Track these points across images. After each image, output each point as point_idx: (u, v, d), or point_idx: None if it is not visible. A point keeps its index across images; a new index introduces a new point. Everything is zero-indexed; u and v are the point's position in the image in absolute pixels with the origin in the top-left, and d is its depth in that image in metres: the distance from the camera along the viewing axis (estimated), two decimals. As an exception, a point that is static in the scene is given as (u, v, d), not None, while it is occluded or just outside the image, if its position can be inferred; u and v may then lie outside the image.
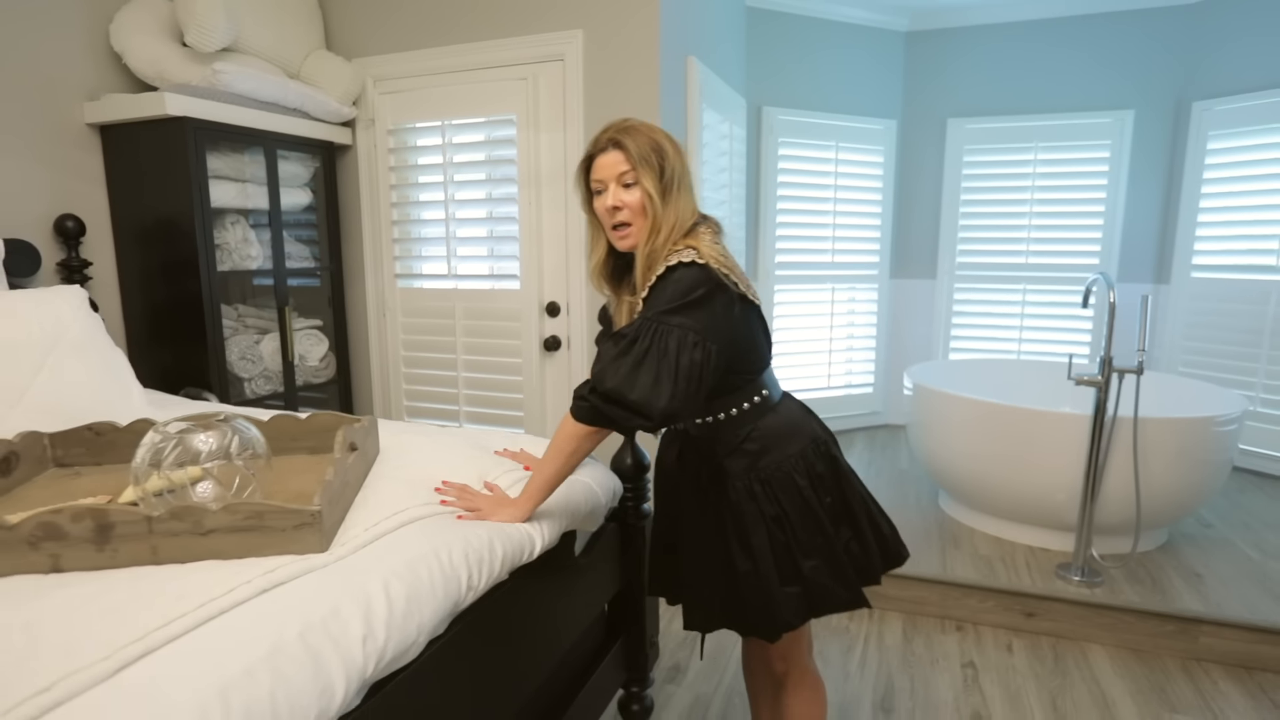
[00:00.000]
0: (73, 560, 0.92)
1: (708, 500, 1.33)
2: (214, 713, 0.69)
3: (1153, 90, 3.70)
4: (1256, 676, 2.12)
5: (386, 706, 0.90)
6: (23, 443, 1.22)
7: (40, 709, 0.66)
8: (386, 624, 0.90)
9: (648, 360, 1.13)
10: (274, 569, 0.91)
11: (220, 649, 0.77)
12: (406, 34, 2.80)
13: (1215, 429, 2.44)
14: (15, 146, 2.21)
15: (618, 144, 1.22)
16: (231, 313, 2.66)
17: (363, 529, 1.06)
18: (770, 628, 1.29)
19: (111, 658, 0.73)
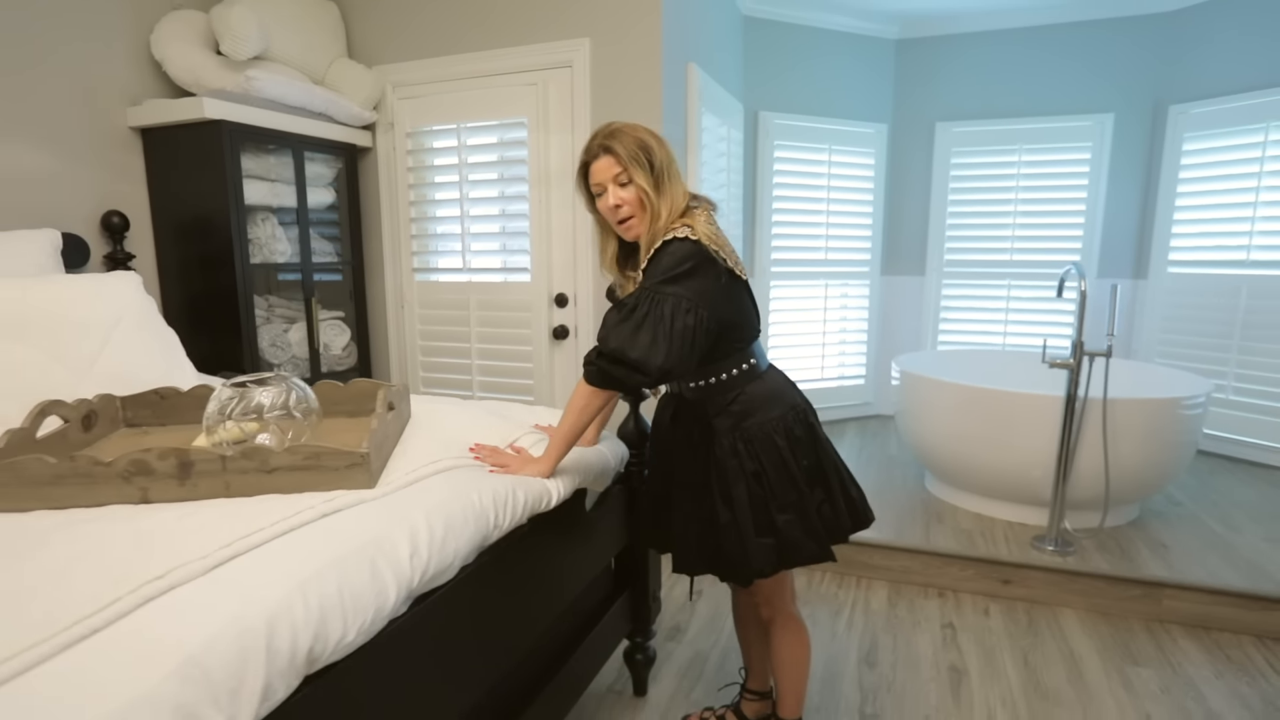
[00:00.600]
0: (159, 492, 1.06)
1: (696, 456, 1.46)
2: (295, 602, 0.83)
3: (1131, 94, 3.83)
4: (1213, 635, 2.25)
5: (427, 616, 1.04)
6: (100, 403, 1.36)
7: (157, 591, 0.80)
8: (428, 546, 1.04)
9: (646, 324, 1.26)
10: (332, 499, 1.05)
11: (294, 556, 0.91)
12: (423, 42, 2.95)
13: (1181, 410, 2.57)
14: (66, 149, 2.36)
15: (608, 149, 1.35)
16: (262, 303, 2.80)
17: (403, 474, 1.20)
18: (745, 572, 1.42)
19: (208, 558, 0.87)
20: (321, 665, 0.86)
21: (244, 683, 0.75)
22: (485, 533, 1.17)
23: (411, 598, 1.02)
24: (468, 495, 1.17)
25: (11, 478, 1.03)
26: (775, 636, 1.57)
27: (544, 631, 1.45)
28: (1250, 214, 3.43)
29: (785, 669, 1.57)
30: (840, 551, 2.64)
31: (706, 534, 1.45)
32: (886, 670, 2.09)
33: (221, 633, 0.76)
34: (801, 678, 1.59)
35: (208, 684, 0.72)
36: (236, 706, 0.74)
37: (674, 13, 2.71)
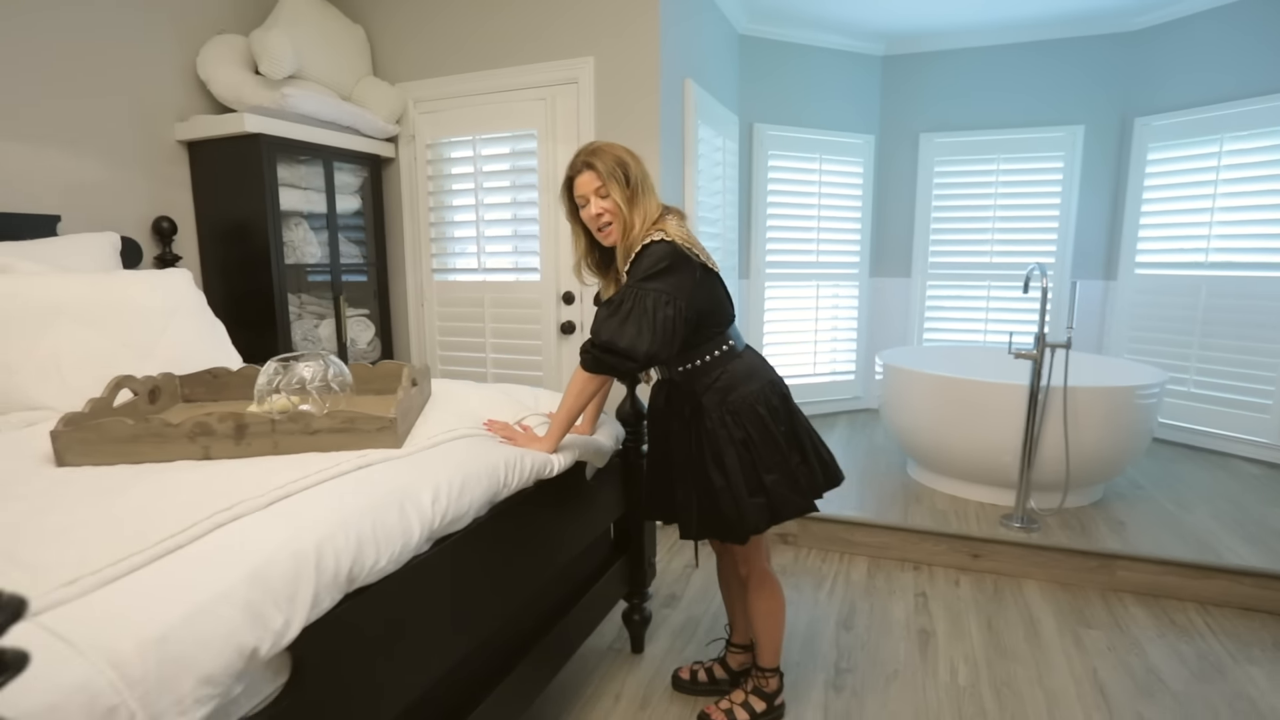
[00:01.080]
0: (219, 450, 1.20)
1: (689, 431, 1.59)
2: (337, 532, 0.97)
3: (1100, 107, 3.94)
4: (1161, 602, 2.36)
5: (445, 554, 1.17)
6: (162, 380, 1.50)
7: (226, 519, 0.94)
8: (448, 496, 1.17)
9: (632, 316, 1.40)
10: (365, 456, 1.19)
11: (335, 498, 1.04)
12: (442, 61, 3.09)
13: (1137, 399, 2.67)
14: (122, 161, 2.52)
15: (589, 165, 1.49)
16: (295, 301, 2.94)
17: (425, 439, 1.33)
18: (741, 530, 1.54)
19: (265, 496, 1.00)
20: (359, 585, 0.99)
21: (298, 592, 0.88)
22: (496, 489, 1.30)
23: (433, 539, 1.15)
24: (482, 457, 1.30)
25: (97, 436, 1.17)
26: (752, 592, 1.70)
27: (548, 583, 1.59)
28: (1208, 219, 3.53)
29: (761, 621, 1.70)
30: (825, 529, 2.79)
31: (705, 500, 1.56)
32: (862, 632, 2.20)
33: (279, 552, 0.89)
34: (776, 629, 1.71)
35: (269, 590, 0.85)
36: (293, 609, 0.87)
37: (672, 34, 2.84)
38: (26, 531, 0.89)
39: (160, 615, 0.76)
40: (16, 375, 1.48)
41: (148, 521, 0.91)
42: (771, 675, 1.74)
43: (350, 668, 0.98)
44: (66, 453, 1.18)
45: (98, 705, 0.68)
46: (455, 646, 1.22)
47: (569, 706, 1.84)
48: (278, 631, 0.85)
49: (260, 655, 0.83)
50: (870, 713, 1.81)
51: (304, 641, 0.90)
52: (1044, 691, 1.89)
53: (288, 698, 0.89)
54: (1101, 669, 1.99)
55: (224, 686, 0.79)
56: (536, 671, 1.50)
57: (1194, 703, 1.84)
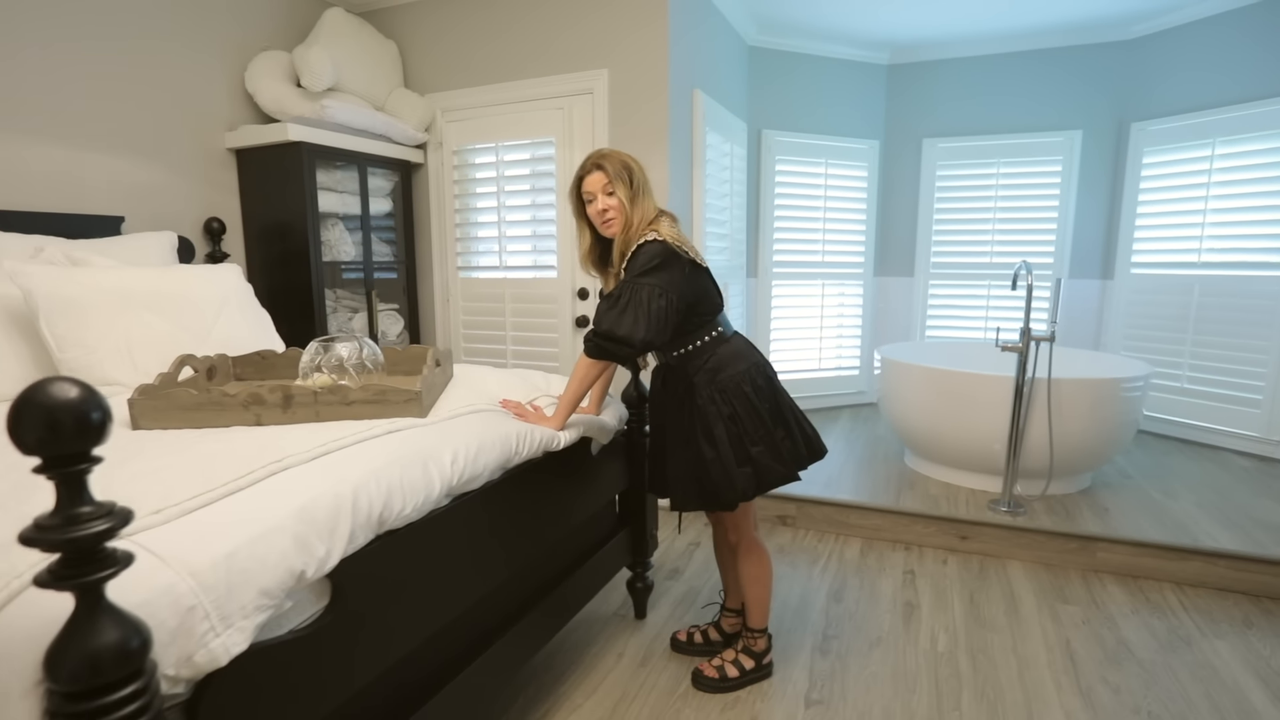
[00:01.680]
0: (268, 417, 1.35)
1: (683, 409, 1.71)
2: (370, 483, 1.11)
3: (1097, 113, 3.98)
4: (1139, 582, 2.43)
5: (463, 508, 1.31)
6: (218, 360, 1.66)
7: (277, 469, 1.08)
8: (465, 458, 1.31)
9: (629, 308, 1.54)
10: (394, 423, 1.33)
11: (368, 455, 1.18)
12: (468, 74, 3.25)
13: (1122, 390, 2.74)
14: (178, 167, 2.70)
15: (599, 166, 1.63)
16: (331, 295, 3.12)
17: (446, 411, 1.47)
18: (731, 497, 1.66)
19: (309, 452, 1.15)
20: (388, 529, 1.14)
21: (337, 527, 1.03)
22: (509, 456, 1.44)
23: (452, 495, 1.29)
24: (497, 428, 1.44)
25: (167, 404, 1.33)
26: (741, 558, 1.82)
27: (555, 545, 1.72)
28: (1201, 220, 3.56)
29: (750, 584, 1.82)
30: (821, 511, 2.89)
31: (698, 471, 1.67)
32: (850, 605, 2.31)
33: (322, 495, 1.04)
34: (764, 593, 1.83)
35: (314, 524, 1.00)
36: (333, 542, 1.01)
37: (680, 47, 2.96)
38: (116, 476, 1.04)
39: (229, 539, 0.91)
40: (94, 354, 1.65)
41: (214, 469, 1.06)
42: (760, 635, 1.86)
43: (380, 597, 1.13)
44: (140, 417, 1.34)
45: (180, 604, 0.83)
46: (470, 589, 1.36)
47: (576, 662, 1.97)
48: (321, 559, 0.99)
49: (307, 577, 0.97)
50: (852, 673, 1.92)
51: (342, 571, 1.04)
52: (1017, 658, 1.98)
53: (328, 616, 1.03)
54: (1074, 640, 2.08)
55: (277, 599, 0.93)
56: (545, 620, 1.64)
57: (1158, 670, 1.92)
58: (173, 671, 0.81)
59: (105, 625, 0.73)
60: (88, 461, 0.71)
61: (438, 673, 1.34)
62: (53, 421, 0.67)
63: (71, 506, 0.70)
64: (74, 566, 0.71)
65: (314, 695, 1.01)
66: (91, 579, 0.71)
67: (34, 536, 0.69)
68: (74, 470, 0.70)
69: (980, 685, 1.86)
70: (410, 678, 1.28)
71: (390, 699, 1.22)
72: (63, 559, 0.71)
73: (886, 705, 1.78)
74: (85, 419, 0.69)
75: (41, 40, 2.26)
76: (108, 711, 0.72)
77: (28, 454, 0.68)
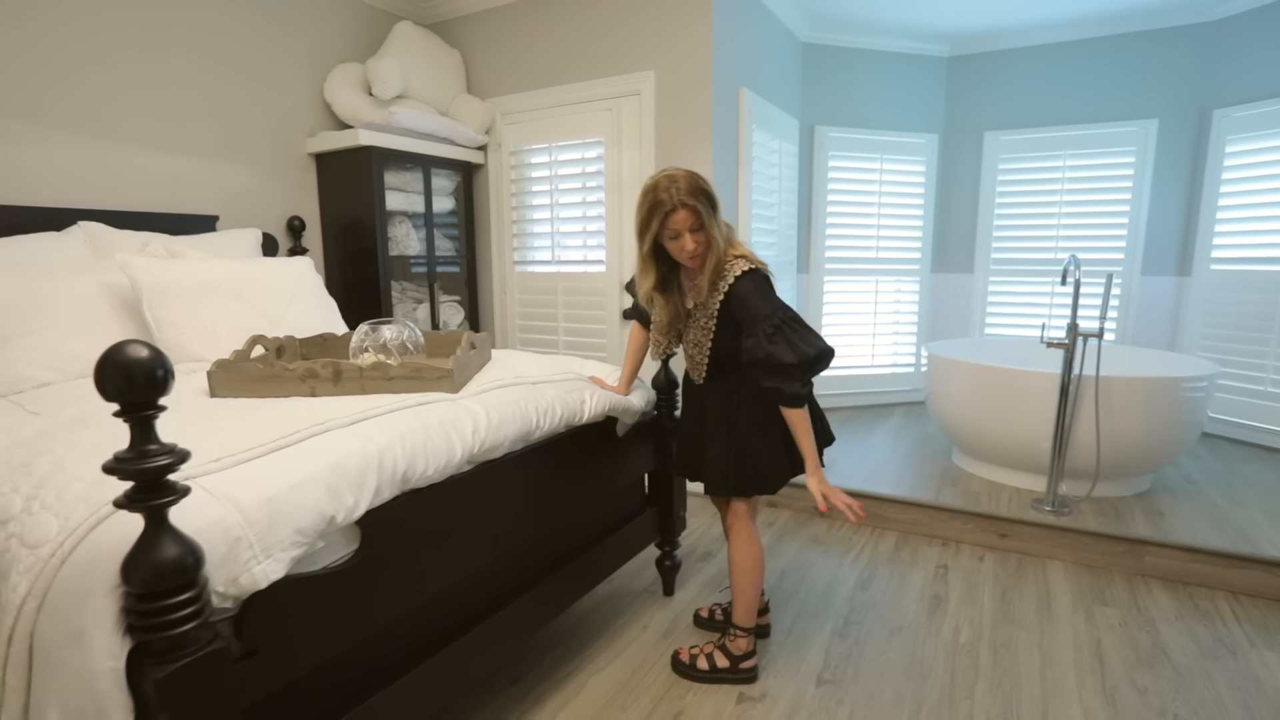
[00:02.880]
0: (321, 390, 1.53)
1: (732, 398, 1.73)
2: (396, 443, 1.26)
3: (1175, 100, 3.75)
4: (1190, 589, 2.32)
5: (483, 473, 1.45)
6: (286, 341, 1.87)
7: (319, 431, 1.24)
8: (486, 428, 1.44)
9: (797, 332, 1.57)
10: (426, 396, 1.48)
11: (398, 422, 1.33)
12: (525, 79, 3.42)
13: (1181, 390, 2.61)
14: (265, 170, 2.99)
15: (689, 206, 1.56)
16: (397, 287, 3.36)
17: (476, 387, 1.61)
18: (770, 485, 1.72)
19: (347, 418, 1.30)
20: (412, 487, 1.28)
21: (365, 481, 1.18)
22: (529, 429, 1.57)
23: (474, 461, 1.43)
24: (518, 403, 1.57)
25: (238, 376, 1.53)
26: (733, 542, 1.81)
27: (580, 515, 1.85)
28: (1287, 212, 3.32)
29: (738, 572, 1.80)
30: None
31: (739, 457, 1.71)
32: (877, 594, 2.32)
33: (352, 453, 1.19)
34: (751, 586, 1.79)
35: (345, 477, 1.15)
36: (360, 493, 1.16)
37: (725, 47, 3.02)
38: (191, 430, 1.23)
39: (272, 484, 1.07)
40: (185, 334, 1.90)
41: (266, 429, 1.23)
42: (741, 635, 1.81)
43: (404, 545, 1.27)
44: (216, 387, 1.54)
45: (229, 534, 0.99)
46: (492, 546, 1.50)
47: (603, 631, 2.08)
48: (349, 507, 1.14)
49: (337, 522, 1.13)
50: (867, 658, 1.95)
51: (369, 519, 1.19)
52: (1041, 654, 1.96)
53: (358, 557, 1.18)
54: (1106, 640, 2.02)
55: (311, 538, 1.08)
56: (570, 582, 1.78)
57: (1194, 675, 1.86)
58: (221, 589, 0.97)
59: (168, 543, 0.89)
60: (155, 409, 0.87)
61: (468, 618, 1.48)
62: (129, 376, 0.84)
63: (142, 444, 0.87)
64: (144, 493, 0.88)
65: (343, 623, 1.16)
66: (157, 503, 0.88)
67: (114, 466, 0.86)
68: (144, 415, 0.87)
69: (998, 678, 1.85)
70: (442, 619, 1.42)
71: (423, 635, 1.37)
72: (135, 486, 0.88)
73: (898, 689, 1.81)
74: (153, 375, 0.85)
75: (150, 59, 2.56)
76: (168, 612, 0.89)
77: (109, 400, 0.85)
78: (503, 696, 1.77)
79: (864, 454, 3.44)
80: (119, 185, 2.50)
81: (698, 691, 1.79)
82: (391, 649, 1.32)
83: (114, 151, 2.48)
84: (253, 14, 2.89)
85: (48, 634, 0.91)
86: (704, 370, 1.77)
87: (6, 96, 2.21)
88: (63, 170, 2.35)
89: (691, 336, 1.77)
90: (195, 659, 0.90)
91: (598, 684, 1.83)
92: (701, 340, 1.74)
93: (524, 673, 1.87)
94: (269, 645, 1.04)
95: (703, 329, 1.72)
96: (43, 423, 1.36)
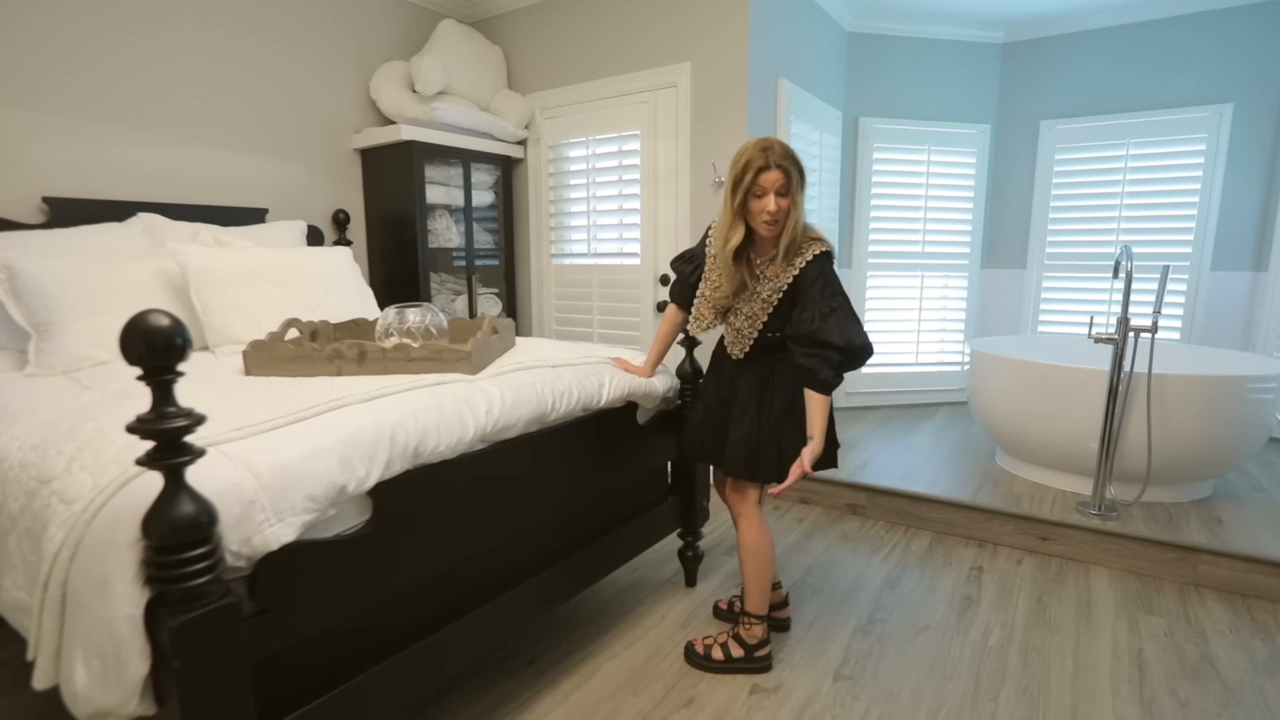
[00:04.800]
0: (347, 369, 1.60)
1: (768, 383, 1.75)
2: (409, 419, 1.31)
3: (1254, 82, 3.52)
4: (1248, 601, 2.18)
5: (496, 451, 1.49)
6: (320, 325, 1.96)
7: (336, 406, 1.30)
8: (500, 408, 1.48)
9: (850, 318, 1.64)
10: (444, 377, 1.53)
11: (413, 399, 1.38)
12: (564, 73, 3.47)
13: (1245, 391, 2.46)
14: (313, 165, 3.13)
15: (783, 168, 1.58)
16: (436, 279, 3.46)
17: (495, 370, 1.66)
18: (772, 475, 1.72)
19: (365, 394, 1.36)
20: (424, 462, 1.33)
21: (376, 454, 1.23)
22: (543, 411, 1.60)
23: (487, 440, 1.47)
24: (533, 386, 1.61)
25: (270, 356, 1.61)
26: (741, 529, 1.81)
27: (598, 498, 1.87)
28: (1376, 201, 3.07)
29: (747, 558, 1.80)
30: (892, 502, 2.86)
31: (761, 442, 1.72)
32: (905, 593, 2.27)
33: (365, 427, 1.24)
34: (761, 572, 1.80)
35: (357, 449, 1.20)
36: (371, 465, 1.21)
37: (761, 38, 3.00)
38: (222, 403, 1.30)
39: (286, 452, 1.12)
40: (229, 317, 2.01)
41: (289, 404, 1.29)
42: (755, 623, 1.82)
43: (415, 517, 1.32)
44: (251, 366, 1.63)
45: (244, 497, 1.05)
46: (505, 523, 1.54)
47: (623, 618, 2.10)
48: (360, 478, 1.19)
49: (348, 491, 1.18)
50: (890, 656, 1.91)
51: (381, 491, 1.24)
52: (1075, 661, 1.88)
53: (369, 527, 1.23)
54: (1149, 650, 1.93)
55: (322, 505, 1.14)
56: (585, 565, 1.81)
57: (1244, 691, 1.75)
58: (235, 548, 1.04)
59: (184, 501, 0.95)
60: (173, 374, 0.94)
61: (483, 591, 1.53)
62: (150, 342, 0.90)
63: (162, 406, 0.93)
64: (163, 452, 0.94)
65: (355, 589, 1.22)
66: (174, 462, 0.94)
67: (136, 426, 0.93)
68: (164, 379, 0.93)
69: (1025, 682, 1.79)
70: (456, 592, 1.47)
71: (436, 606, 1.42)
72: (156, 446, 0.94)
73: (917, 688, 1.77)
74: (171, 342, 0.91)
75: (208, 62, 2.72)
76: (183, 565, 0.95)
77: (131, 365, 0.91)
78: (518, 676, 1.81)
79: (902, 452, 3.36)
80: (178, 180, 2.66)
81: (710, 680, 1.79)
82: (405, 617, 1.37)
83: (174, 149, 2.64)
84: (305, 16, 3.02)
85: (77, 582, 0.99)
86: (748, 346, 1.76)
87: (75, 96, 2.38)
88: (129, 166, 2.52)
89: (746, 310, 1.74)
90: (208, 611, 0.97)
91: (612, 668, 1.85)
92: (757, 314, 1.72)
93: (541, 654, 1.91)
94: (281, 604, 1.10)
95: (764, 302, 1.70)
96: (92, 396, 1.47)
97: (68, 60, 2.35)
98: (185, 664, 0.95)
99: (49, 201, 2.31)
